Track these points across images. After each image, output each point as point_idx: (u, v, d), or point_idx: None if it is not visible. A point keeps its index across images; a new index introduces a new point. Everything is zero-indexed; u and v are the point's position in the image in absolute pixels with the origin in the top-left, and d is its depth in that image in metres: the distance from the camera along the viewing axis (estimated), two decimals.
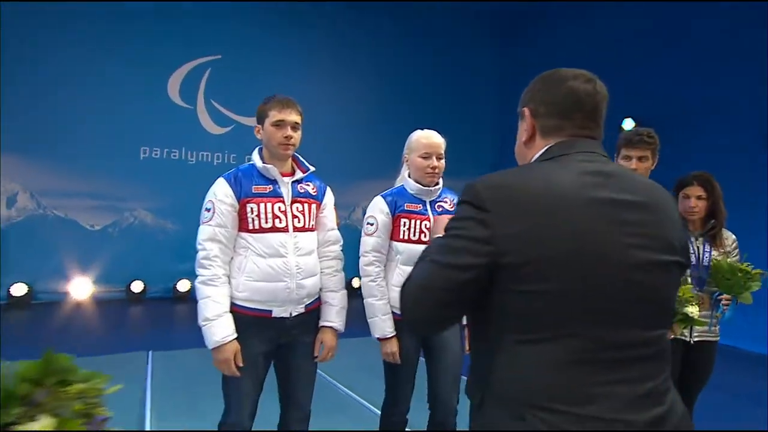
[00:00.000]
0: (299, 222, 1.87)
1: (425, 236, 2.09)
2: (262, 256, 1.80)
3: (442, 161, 2.13)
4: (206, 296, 1.76)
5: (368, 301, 2.07)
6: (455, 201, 2.21)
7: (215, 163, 7.50)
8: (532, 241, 0.89)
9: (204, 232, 1.81)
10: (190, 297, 7.09)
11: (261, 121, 1.89)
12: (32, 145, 6.39)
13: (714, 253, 2.36)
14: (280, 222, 1.83)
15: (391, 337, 2.02)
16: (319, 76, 7.97)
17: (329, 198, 2.03)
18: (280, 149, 1.84)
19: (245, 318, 1.80)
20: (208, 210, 1.82)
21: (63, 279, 6.54)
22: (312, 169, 1.96)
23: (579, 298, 0.89)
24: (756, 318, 4.57)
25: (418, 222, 2.09)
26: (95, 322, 5.82)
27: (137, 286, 6.85)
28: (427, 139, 2.12)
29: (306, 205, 1.90)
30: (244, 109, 7.70)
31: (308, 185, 1.95)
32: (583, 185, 0.93)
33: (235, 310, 1.80)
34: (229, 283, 1.82)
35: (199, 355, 4.45)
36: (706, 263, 2.33)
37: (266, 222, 1.81)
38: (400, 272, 2.06)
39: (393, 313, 2.06)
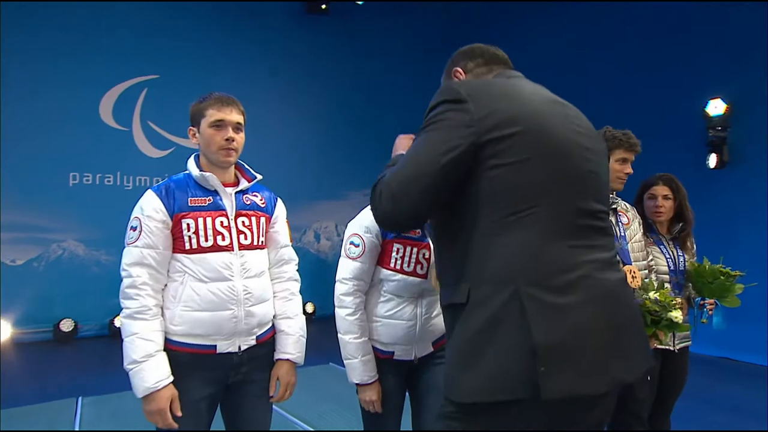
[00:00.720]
0: (246, 239, 1.60)
1: (422, 268, 1.71)
2: (202, 281, 1.52)
3: None
4: (133, 333, 1.46)
5: (345, 338, 1.71)
6: None
7: None
8: (507, 119, 1.01)
9: (129, 255, 1.51)
10: None
11: (196, 122, 1.62)
12: None
13: (686, 256, 2.29)
14: (223, 239, 1.55)
15: (372, 382, 1.70)
16: (264, 94, 7.69)
17: (281, 210, 1.77)
18: (221, 155, 1.58)
19: (183, 356, 1.50)
20: (133, 229, 1.53)
21: None
22: (259, 177, 1.71)
23: (550, 168, 1.02)
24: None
25: (415, 250, 1.71)
26: (17, 368, 5.17)
27: (67, 325, 6.20)
28: None
29: (253, 219, 1.63)
30: (185, 130, 7.23)
31: (255, 196, 1.69)
32: (534, 88, 1.14)
33: (171, 348, 1.50)
34: (163, 315, 1.52)
35: (135, 398, 4.00)
36: (682, 267, 2.25)
37: (206, 240, 1.53)
38: (385, 300, 1.72)
39: (374, 349, 1.73)
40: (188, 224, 1.53)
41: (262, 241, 1.66)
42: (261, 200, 1.70)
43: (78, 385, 4.32)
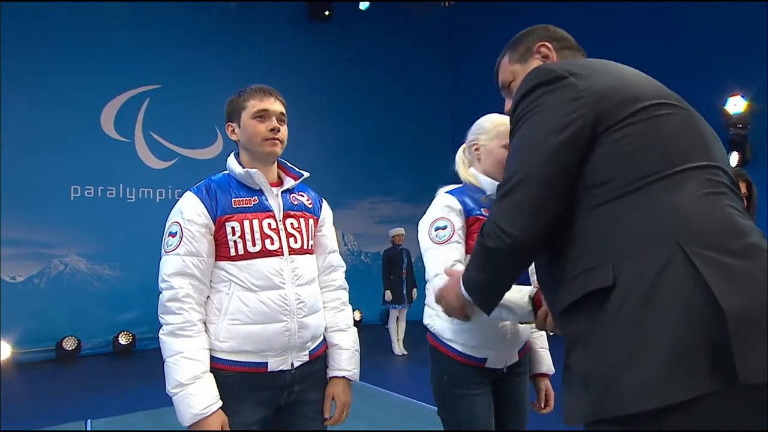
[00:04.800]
0: (296, 242, 1.43)
1: None
2: (250, 290, 1.35)
3: None
4: (177, 352, 1.28)
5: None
6: None
7: (158, 200, 6.87)
8: (622, 88, 0.88)
9: (169, 264, 1.33)
10: (133, 350, 6.31)
11: (235, 116, 1.46)
12: None
13: None
14: (272, 243, 1.38)
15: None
16: None
17: (327, 212, 1.62)
18: (266, 146, 1.42)
19: (231, 376, 1.33)
20: (173, 234, 1.36)
21: None
22: (306, 174, 1.55)
23: (686, 124, 0.87)
24: None
25: None
26: (19, 390, 4.94)
27: (69, 343, 5.99)
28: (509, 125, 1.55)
29: (302, 221, 1.47)
30: (188, 140, 7.18)
31: (302, 195, 1.53)
32: (636, 71, 0.97)
33: (217, 367, 1.33)
34: (206, 330, 1.35)
35: (148, 419, 3.83)
36: None
37: (254, 245, 1.37)
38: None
39: (466, 356, 1.51)
40: (233, 228, 1.36)
41: (311, 245, 1.50)
42: (308, 200, 1.54)
43: (85, 407, 4.11)
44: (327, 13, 7.83)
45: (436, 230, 1.49)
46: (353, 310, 1.67)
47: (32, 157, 6.07)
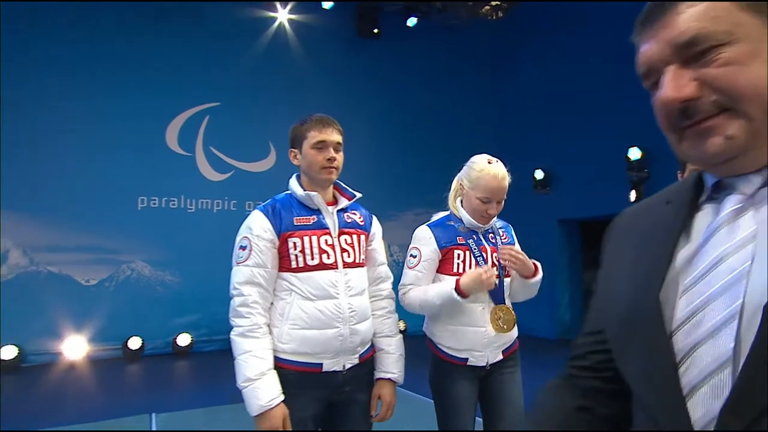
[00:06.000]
0: (349, 256, 1.62)
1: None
2: (309, 299, 1.54)
3: (502, 204, 1.82)
4: (246, 351, 1.49)
5: (427, 297, 1.77)
6: (509, 232, 1.95)
7: (215, 211, 7.28)
8: None
9: (240, 273, 1.54)
10: (191, 352, 6.70)
11: (298, 144, 1.66)
12: (24, 200, 6.16)
13: None
14: (328, 257, 1.58)
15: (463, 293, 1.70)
16: None
17: (377, 228, 1.80)
18: (323, 174, 1.62)
19: (291, 374, 1.52)
20: (243, 248, 1.57)
21: (56, 339, 6.15)
22: (358, 195, 1.73)
23: None
24: None
25: (472, 254, 1.82)
26: (91, 384, 5.40)
27: (134, 343, 6.44)
28: (495, 180, 1.75)
29: (354, 237, 1.66)
30: (244, 154, 7.58)
31: (354, 214, 1.72)
32: None
33: (279, 366, 1.52)
34: (270, 333, 1.55)
35: (206, 416, 4.10)
36: None
37: (312, 258, 1.56)
38: (456, 309, 1.77)
39: (449, 356, 1.80)
40: (294, 243, 1.56)
41: (362, 259, 1.68)
42: (360, 218, 1.72)
43: (149, 402, 4.44)
44: (376, 30, 8.09)
45: (410, 256, 1.83)
46: (398, 320, 1.83)
47: (105, 169, 6.62)
